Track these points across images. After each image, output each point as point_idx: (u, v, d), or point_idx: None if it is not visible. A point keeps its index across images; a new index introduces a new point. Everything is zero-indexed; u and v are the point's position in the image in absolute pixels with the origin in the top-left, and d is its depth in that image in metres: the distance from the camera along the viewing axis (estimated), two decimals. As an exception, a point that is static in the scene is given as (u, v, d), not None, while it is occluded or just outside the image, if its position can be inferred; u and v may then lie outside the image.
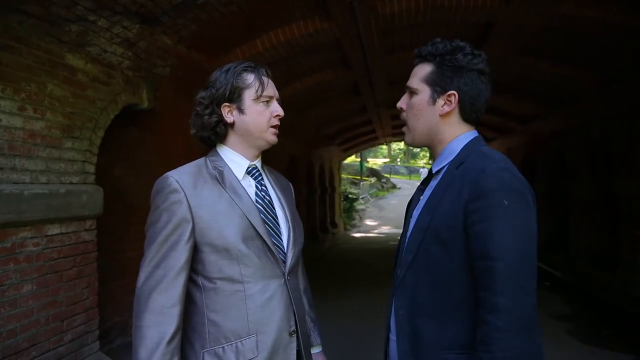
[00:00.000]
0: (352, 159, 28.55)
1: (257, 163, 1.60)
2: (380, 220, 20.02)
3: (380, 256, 11.13)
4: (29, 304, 3.10)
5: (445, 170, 1.39)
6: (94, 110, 3.66)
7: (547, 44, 5.65)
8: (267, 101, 1.53)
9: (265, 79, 1.53)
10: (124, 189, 4.67)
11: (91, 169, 3.69)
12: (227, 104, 1.51)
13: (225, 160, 1.54)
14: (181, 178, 1.44)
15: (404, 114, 1.49)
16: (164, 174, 1.47)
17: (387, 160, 48.97)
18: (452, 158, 1.38)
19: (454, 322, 1.27)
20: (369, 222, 19.81)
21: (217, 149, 1.57)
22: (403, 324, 1.37)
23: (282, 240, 1.53)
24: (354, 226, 18.67)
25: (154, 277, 1.37)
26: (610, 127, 6.72)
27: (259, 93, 1.50)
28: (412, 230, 1.40)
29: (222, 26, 4.43)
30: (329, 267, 10.06)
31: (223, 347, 1.40)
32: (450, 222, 1.28)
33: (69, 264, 3.46)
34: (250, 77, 1.51)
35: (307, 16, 4.91)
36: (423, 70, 1.42)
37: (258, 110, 1.51)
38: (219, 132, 1.53)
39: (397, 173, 42.93)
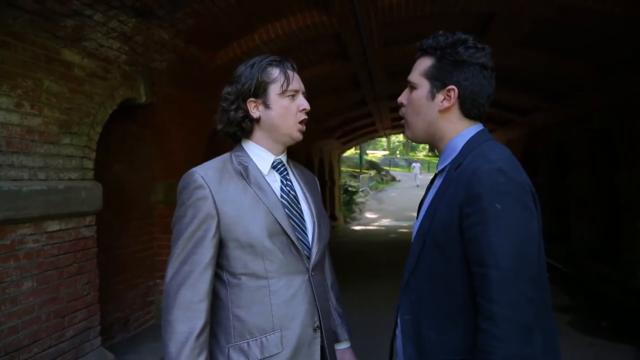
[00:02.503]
0: (351, 152, 28.50)
1: (283, 157, 1.59)
2: (380, 212, 20.00)
3: (380, 249, 11.14)
4: (29, 300, 3.11)
5: (446, 172, 1.35)
6: (92, 106, 3.64)
7: (547, 35, 5.62)
8: (293, 95, 1.52)
9: (290, 72, 1.52)
10: (123, 185, 4.67)
11: (90, 164, 3.68)
12: (252, 99, 1.50)
13: (251, 156, 1.53)
14: (207, 174, 1.43)
15: (403, 109, 1.45)
16: (190, 170, 1.46)
17: (386, 152, 48.92)
18: (454, 156, 1.34)
19: (455, 327, 1.25)
20: (368, 215, 19.79)
21: (243, 144, 1.56)
22: (409, 328, 1.35)
23: (307, 236, 1.53)
24: (353, 219, 18.66)
25: (181, 273, 1.38)
26: (610, 118, 6.70)
27: (284, 87, 1.49)
28: (416, 233, 1.39)
29: (220, 19, 4.39)
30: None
31: (248, 342, 1.41)
32: (447, 226, 1.25)
33: (69, 260, 3.46)
34: (275, 72, 1.50)
35: (305, 8, 4.87)
36: (423, 64, 1.38)
37: (284, 105, 1.50)
38: (245, 128, 1.52)
39: (396, 165, 42.83)
